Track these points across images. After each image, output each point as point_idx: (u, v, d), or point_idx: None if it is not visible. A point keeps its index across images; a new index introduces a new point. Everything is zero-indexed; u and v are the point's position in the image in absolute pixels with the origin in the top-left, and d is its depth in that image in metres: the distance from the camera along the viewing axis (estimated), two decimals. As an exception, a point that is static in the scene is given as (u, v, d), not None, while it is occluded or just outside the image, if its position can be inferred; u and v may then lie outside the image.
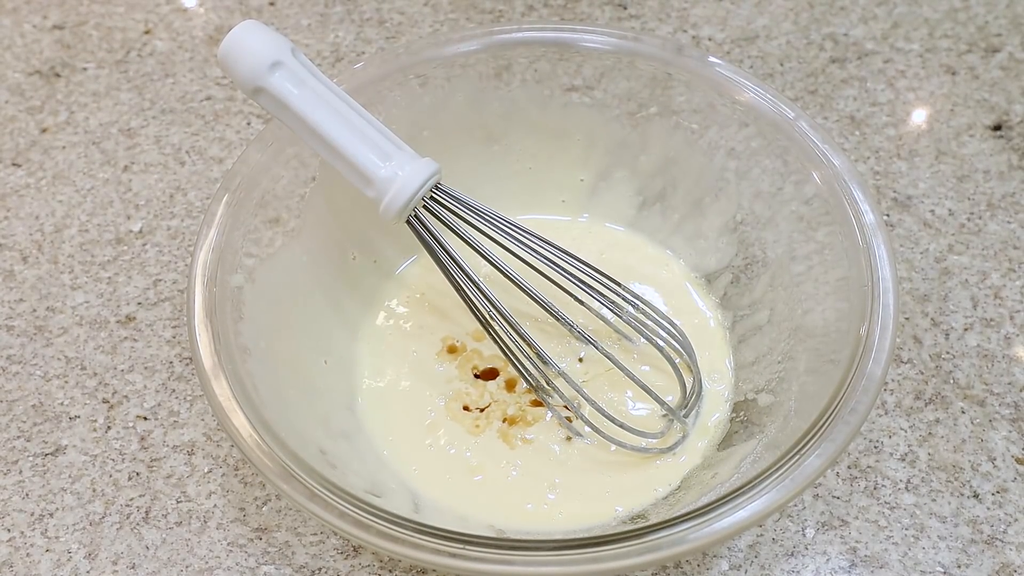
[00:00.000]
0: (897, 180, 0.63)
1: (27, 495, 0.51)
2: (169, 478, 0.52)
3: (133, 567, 0.49)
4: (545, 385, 0.51)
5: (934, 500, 0.50)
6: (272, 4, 0.74)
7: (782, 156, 0.51)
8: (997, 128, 0.66)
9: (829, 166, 0.49)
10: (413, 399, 0.53)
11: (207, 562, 0.49)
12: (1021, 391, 0.54)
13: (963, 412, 0.53)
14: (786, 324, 0.51)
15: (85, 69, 0.70)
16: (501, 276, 0.50)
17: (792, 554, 0.49)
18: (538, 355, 0.50)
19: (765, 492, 0.40)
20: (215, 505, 0.51)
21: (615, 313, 0.50)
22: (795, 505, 0.50)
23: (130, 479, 0.52)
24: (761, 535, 0.50)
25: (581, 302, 0.52)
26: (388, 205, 0.47)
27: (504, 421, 0.52)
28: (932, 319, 0.57)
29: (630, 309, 0.51)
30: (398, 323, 0.56)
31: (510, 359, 0.52)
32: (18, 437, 0.53)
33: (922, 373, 0.55)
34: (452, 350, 0.54)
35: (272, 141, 0.50)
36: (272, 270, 0.50)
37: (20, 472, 0.52)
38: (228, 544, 0.50)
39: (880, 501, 0.50)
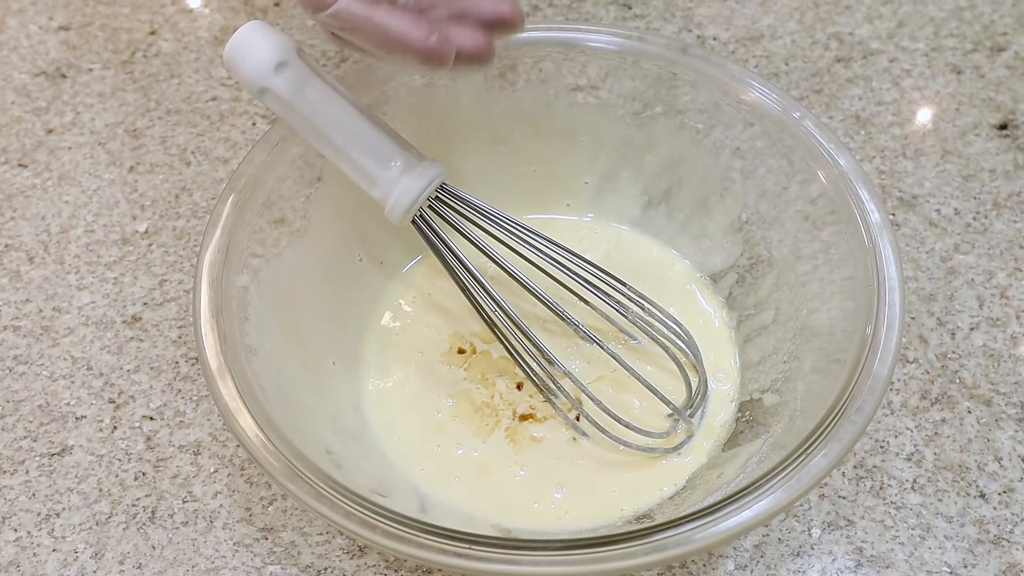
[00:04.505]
0: (903, 179, 0.63)
1: (34, 495, 0.52)
2: (175, 478, 0.52)
3: (139, 567, 0.49)
4: (551, 385, 0.51)
5: (940, 500, 0.50)
6: (277, 4, 0.74)
7: (787, 155, 0.51)
8: (1003, 127, 0.65)
9: (834, 165, 0.49)
10: (420, 399, 0.53)
11: (213, 562, 0.49)
12: (1027, 391, 0.54)
13: (969, 412, 0.53)
14: (792, 324, 0.51)
15: (91, 70, 0.70)
16: (507, 276, 0.50)
17: (798, 554, 0.49)
18: (544, 355, 0.50)
19: (771, 492, 0.40)
20: (221, 505, 0.51)
21: (620, 313, 0.50)
22: (801, 505, 0.50)
23: (136, 479, 0.52)
24: (767, 535, 0.50)
25: (586, 302, 0.52)
26: (394, 205, 0.47)
27: (514, 419, 0.52)
28: (938, 319, 0.57)
29: (635, 309, 0.51)
30: (405, 323, 0.56)
31: (516, 359, 0.52)
32: (24, 437, 0.54)
33: (928, 373, 0.55)
34: (460, 351, 0.54)
35: (277, 141, 0.50)
36: (278, 270, 0.50)
37: (27, 472, 0.52)
38: (234, 544, 0.50)
39: (886, 501, 0.50)
